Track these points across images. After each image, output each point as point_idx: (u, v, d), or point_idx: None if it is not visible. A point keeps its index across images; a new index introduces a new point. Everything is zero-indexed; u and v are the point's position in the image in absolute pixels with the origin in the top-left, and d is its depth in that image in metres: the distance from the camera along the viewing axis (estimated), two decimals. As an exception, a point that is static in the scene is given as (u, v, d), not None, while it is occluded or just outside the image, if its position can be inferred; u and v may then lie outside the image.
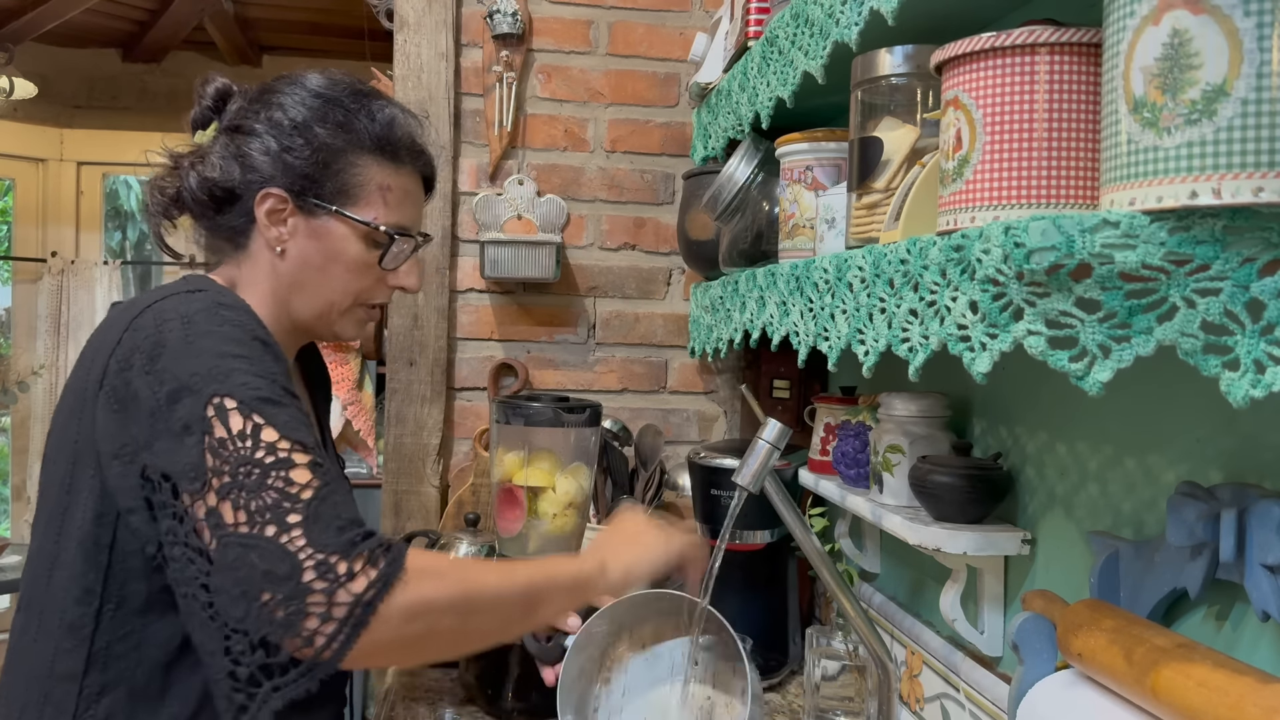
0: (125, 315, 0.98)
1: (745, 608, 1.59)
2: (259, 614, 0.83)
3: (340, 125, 1.09)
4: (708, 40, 1.79)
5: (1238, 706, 0.67)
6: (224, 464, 0.87)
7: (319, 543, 0.84)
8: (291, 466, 0.88)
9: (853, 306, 0.95)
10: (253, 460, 0.87)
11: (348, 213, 1.09)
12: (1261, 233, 0.61)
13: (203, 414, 0.89)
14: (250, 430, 0.88)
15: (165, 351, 0.92)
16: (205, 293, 0.99)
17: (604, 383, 1.91)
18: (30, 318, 4.99)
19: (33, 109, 4.79)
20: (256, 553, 0.84)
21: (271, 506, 0.85)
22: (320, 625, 0.82)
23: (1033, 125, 0.75)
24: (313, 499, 0.87)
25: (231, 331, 0.94)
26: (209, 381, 0.90)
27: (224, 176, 1.07)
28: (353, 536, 0.86)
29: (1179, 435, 0.87)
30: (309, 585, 0.83)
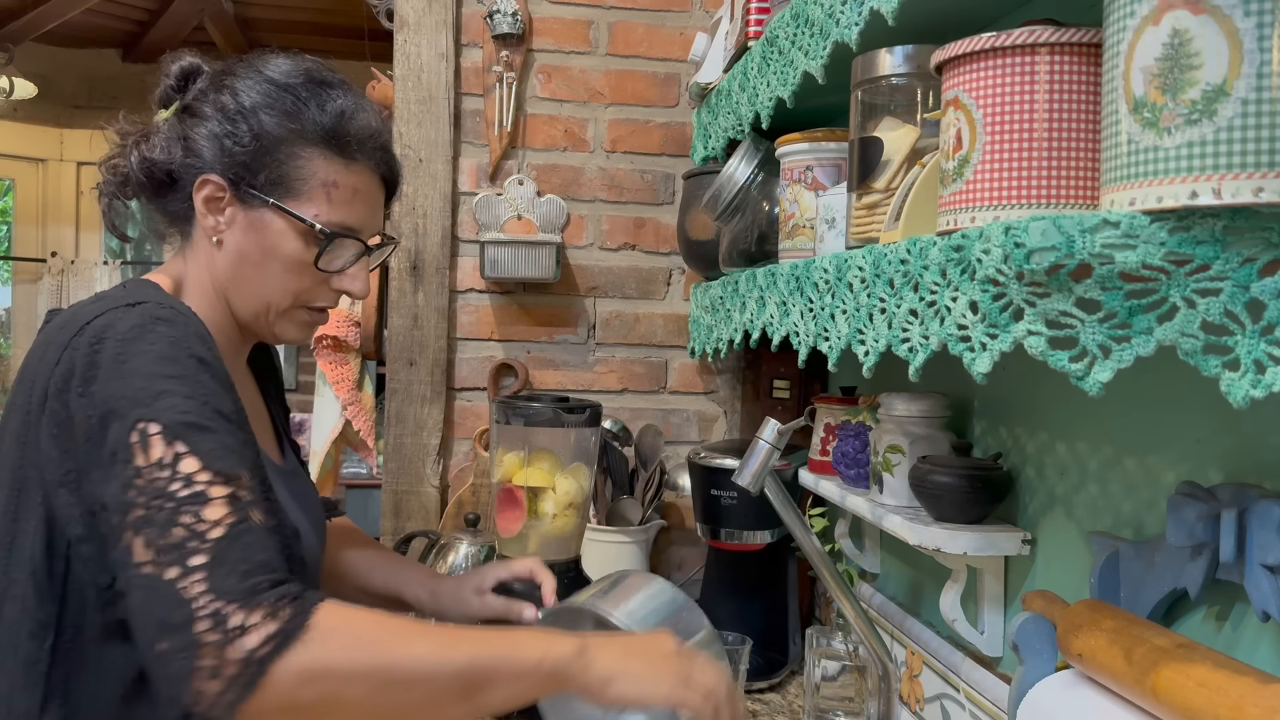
0: (64, 333, 0.92)
1: (745, 608, 1.59)
2: (157, 665, 0.78)
3: (287, 113, 1.02)
4: (708, 40, 1.79)
5: (1238, 707, 0.67)
6: (139, 495, 0.81)
7: (218, 589, 0.77)
8: (206, 502, 0.81)
9: (853, 307, 0.95)
10: (166, 493, 0.81)
11: (286, 206, 1.02)
12: (1262, 233, 0.61)
13: (126, 441, 0.83)
14: (170, 459, 0.82)
15: (99, 373, 0.87)
16: (144, 305, 0.92)
17: (604, 383, 1.91)
18: (30, 318, 4.99)
19: (33, 109, 4.80)
20: (156, 596, 0.78)
21: (177, 545, 0.79)
22: (208, 683, 0.75)
23: (1033, 125, 0.75)
24: (222, 538, 0.79)
25: (165, 349, 0.88)
26: (134, 405, 0.84)
27: (165, 159, 1.03)
28: (256, 583, 0.78)
29: (1179, 435, 0.87)
30: (200, 637, 0.76)
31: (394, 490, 1.83)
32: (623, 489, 1.80)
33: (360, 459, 3.53)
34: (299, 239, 1.03)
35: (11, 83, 4.36)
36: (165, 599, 0.77)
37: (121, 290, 0.99)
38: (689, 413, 1.94)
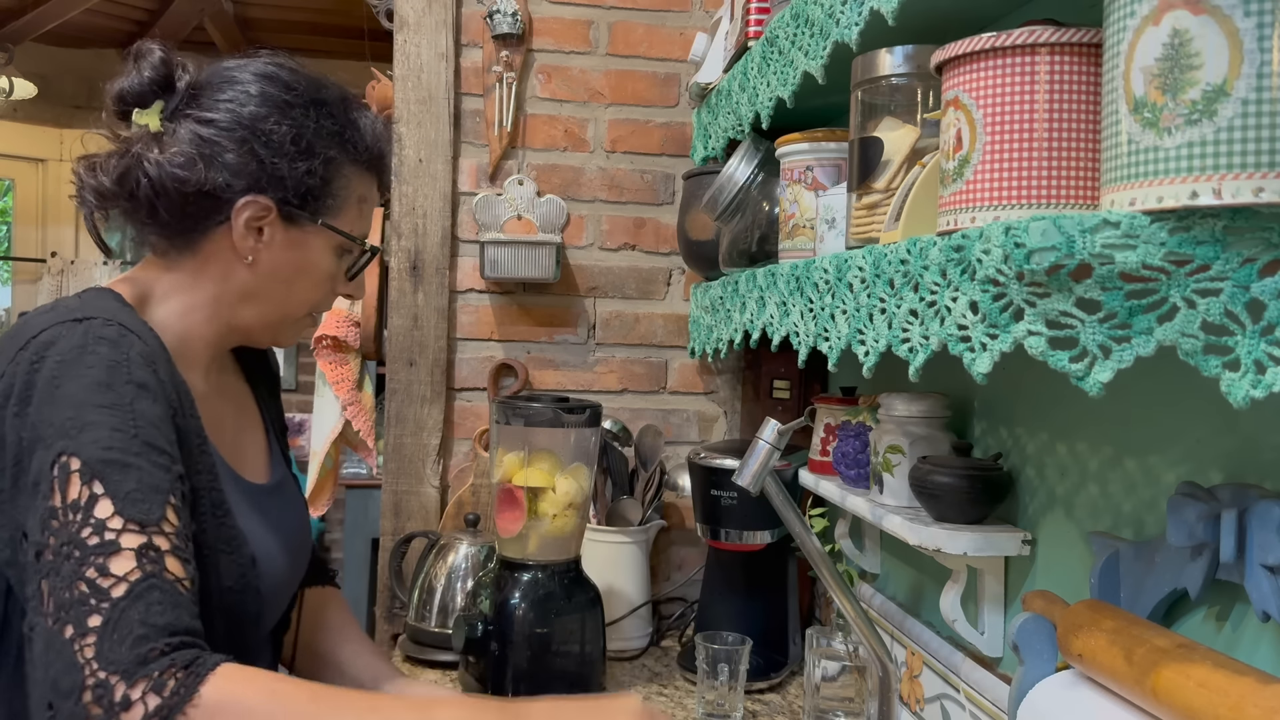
0: (11, 344, 0.89)
1: (745, 608, 1.59)
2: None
3: (335, 136, 1.04)
4: (708, 40, 1.79)
5: (1238, 707, 0.67)
6: (52, 537, 0.78)
7: (106, 657, 0.74)
8: (114, 552, 0.77)
9: (853, 307, 0.95)
10: (76, 539, 0.77)
11: (333, 225, 1.05)
12: (1262, 233, 0.61)
13: (49, 472, 0.80)
14: (85, 501, 0.79)
15: (34, 394, 0.84)
16: (90, 321, 0.88)
17: (604, 383, 1.91)
18: (30, 318, 4.98)
19: (32, 109, 4.80)
20: (52, 653, 0.75)
21: (77, 602, 0.75)
22: None
23: (1033, 125, 0.75)
24: (123, 598, 0.76)
25: (100, 374, 0.84)
26: (60, 435, 0.81)
27: (194, 176, 0.97)
28: (146, 652, 0.74)
29: (1179, 436, 0.87)
30: (86, 709, 0.73)
31: (394, 490, 1.83)
32: (623, 489, 1.80)
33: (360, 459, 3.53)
34: (333, 254, 1.06)
35: (11, 83, 4.36)
36: (60, 658, 0.75)
37: (76, 301, 0.95)
38: (689, 413, 1.94)
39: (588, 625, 1.46)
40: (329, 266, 1.07)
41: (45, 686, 0.75)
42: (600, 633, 1.48)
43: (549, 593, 1.44)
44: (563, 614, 1.44)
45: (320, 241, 1.05)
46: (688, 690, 1.54)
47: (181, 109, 1.01)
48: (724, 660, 1.40)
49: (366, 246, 1.10)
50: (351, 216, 1.07)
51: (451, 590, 1.61)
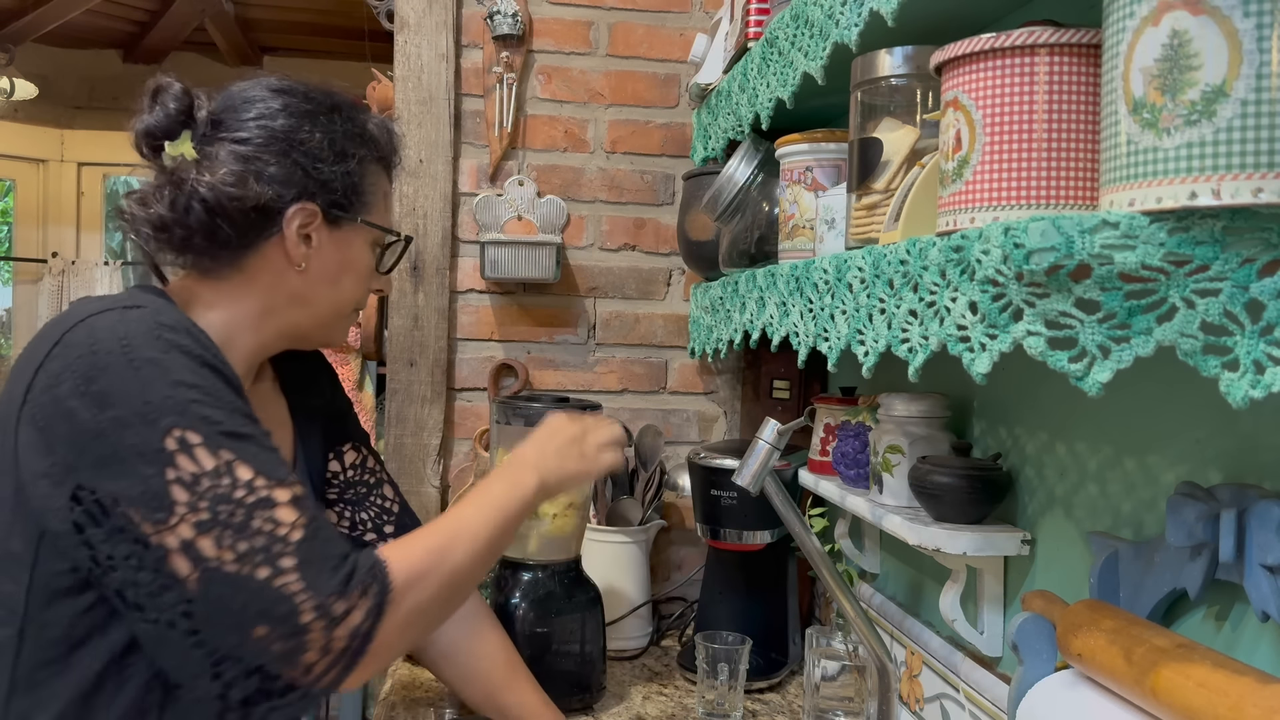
0: (55, 329, 0.93)
1: (745, 608, 1.60)
2: (254, 645, 0.86)
3: (358, 137, 1.09)
4: (708, 41, 1.79)
5: (1237, 707, 0.67)
6: (199, 499, 0.86)
7: (316, 586, 0.87)
8: (274, 506, 0.88)
9: (852, 307, 0.95)
10: (233, 499, 0.87)
11: (371, 221, 1.11)
12: (1261, 233, 0.61)
13: (160, 446, 0.86)
14: (224, 468, 0.88)
15: (105, 374, 0.88)
16: (143, 309, 0.93)
17: (604, 383, 1.91)
18: (31, 318, 4.99)
19: (33, 110, 4.80)
20: (248, 593, 0.86)
21: (262, 549, 0.86)
22: (319, 659, 0.87)
23: (1032, 126, 0.75)
24: (303, 540, 0.88)
25: (179, 359, 0.90)
26: (164, 413, 0.87)
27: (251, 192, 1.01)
28: (346, 572, 0.88)
29: (1178, 436, 0.87)
30: (308, 625, 0.86)
31: (394, 491, 1.83)
32: (623, 489, 1.80)
33: (360, 459, 3.53)
34: (369, 250, 1.13)
35: (12, 83, 4.37)
36: (262, 596, 0.86)
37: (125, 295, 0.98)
38: (689, 413, 1.94)
39: (588, 625, 1.46)
40: (369, 261, 1.14)
41: (247, 618, 0.85)
42: (600, 633, 1.48)
43: (549, 593, 1.44)
44: (563, 614, 1.44)
45: (360, 239, 1.11)
46: (688, 690, 1.54)
47: (212, 134, 1.04)
48: (724, 660, 1.40)
49: (401, 236, 1.17)
50: (382, 210, 1.14)
51: (452, 590, 1.61)
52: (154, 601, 0.88)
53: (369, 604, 0.89)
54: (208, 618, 0.87)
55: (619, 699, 1.50)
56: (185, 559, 0.86)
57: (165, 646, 0.90)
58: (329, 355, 2.33)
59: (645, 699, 1.50)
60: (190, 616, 0.87)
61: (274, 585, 0.86)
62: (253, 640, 0.86)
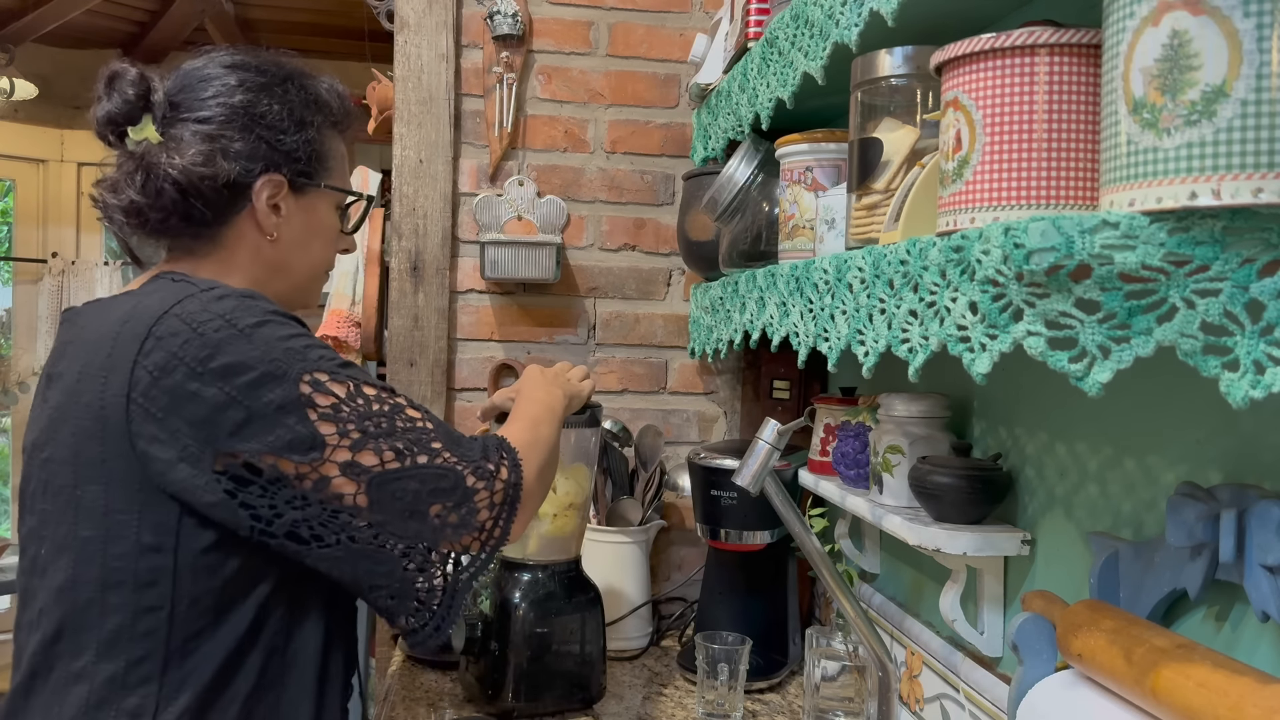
0: (134, 328, 0.95)
1: (745, 608, 1.60)
2: (434, 524, 0.98)
3: (313, 104, 1.12)
4: (708, 41, 1.79)
5: (1237, 707, 0.67)
6: (346, 423, 0.96)
7: (466, 457, 1.00)
8: (402, 409, 1.00)
9: (852, 307, 0.95)
10: (373, 414, 0.97)
11: (333, 185, 1.15)
12: (1261, 233, 0.61)
13: (297, 393, 0.95)
14: (354, 391, 0.97)
15: (221, 349, 0.94)
16: (216, 288, 0.99)
17: (604, 383, 1.91)
18: (31, 318, 4.98)
19: (33, 110, 4.79)
20: (415, 480, 0.97)
21: (415, 441, 0.98)
22: (489, 515, 1.00)
23: (1032, 126, 0.75)
24: (436, 427, 1.01)
25: (276, 318, 0.98)
26: (291, 363, 0.95)
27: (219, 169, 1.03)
28: (481, 443, 1.03)
29: (1178, 436, 0.87)
30: (474, 488, 0.99)
31: (394, 491, 1.83)
32: (623, 489, 1.80)
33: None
34: (334, 212, 1.17)
35: (12, 83, 4.36)
36: (429, 477, 0.98)
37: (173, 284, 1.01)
38: (689, 413, 1.94)
39: (588, 625, 1.46)
40: (333, 224, 1.17)
41: (420, 501, 0.97)
42: (600, 633, 1.48)
43: (549, 593, 1.44)
44: (563, 614, 1.44)
45: (325, 203, 1.15)
46: (688, 690, 1.54)
47: (173, 116, 1.06)
48: (724, 660, 1.40)
49: (362, 195, 1.21)
50: (341, 173, 1.17)
51: (452, 590, 1.61)
52: (328, 528, 0.96)
53: (509, 461, 1.03)
54: (384, 519, 0.97)
55: (619, 699, 1.50)
56: (348, 479, 0.95)
57: (351, 564, 0.98)
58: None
59: (645, 699, 1.50)
60: (370, 525, 0.97)
61: (436, 464, 0.98)
62: (431, 520, 0.98)
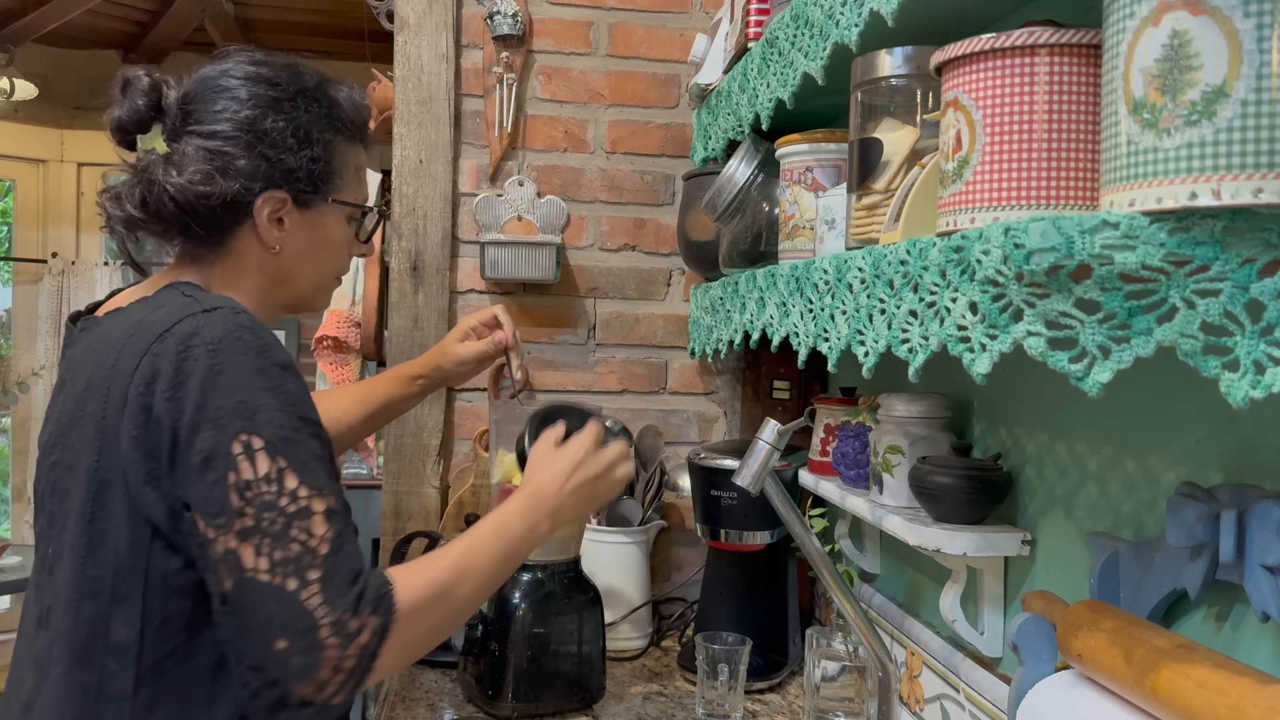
0: (139, 340, 0.96)
1: (745, 608, 1.60)
2: (275, 659, 0.89)
3: (325, 118, 1.10)
4: (708, 41, 1.79)
5: (1237, 707, 0.67)
6: (248, 506, 0.90)
7: (334, 601, 0.90)
8: (311, 516, 0.92)
9: (852, 307, 0.95)
10: (277, 507, 0.91)
11: (340, 199, 1.13)
12: (1261, 234, 0.61)
13: (227, 450, 0.90)
14: (275, 474, 0.91)
15: (190, 380, 0.92)
16: (221, 311, 0.96)
17: (604, 383, 1.91)
18: (31, 319, 4.98)
19: (33, 110, 4.79)
20: (276, 603, 0.89)
21: (294, 559, 0.90)
22: (332, 675, 0.90)
23: (1032, 126, 0.75)
24: (329, 553, 0.92)
25: (256, 361, 0.94)
26: (235, 418, 0.91)
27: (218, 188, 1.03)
28: (360, 590, 0.92)
29: (1179, 436, 0.87)
30: (324, 641, 0.89)
31: (394, 491, 1.83)
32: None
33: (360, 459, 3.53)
34: (345, 224, 1.16)
35: (12, 84, 4.36)
36: (288, 607, 0.89)
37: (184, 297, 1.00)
38: (689, 413, 1.94)
39: (587, 625, 1.46)
40: (344, 235, 1.16)
41: (270, 630, 0.89)
42: (600, 633, 1.48)
43: (549, 593, 1.44)
44: (562, 614, 1.44)
45: (333, 216, 1.14)
46: (688, 690, 1.54)
47: (181, 127, 1.06)
48: (724, 660, 1.40)
49: (372, 209, 1.20)
50: (353, 186, 1.16)
51: (452, 591, 1.61)
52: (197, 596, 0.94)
53: (376, 623, 0.92)
54: (237, 628, 0.91)
55: (619, 699, 1.50)
56: (225, 566, 0.90)
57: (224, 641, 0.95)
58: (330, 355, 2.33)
59: (645, 699, 1.50)
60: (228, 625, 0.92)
61: (299, 597, 0.89)
62: (274, 653, 0.89)
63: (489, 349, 1.46)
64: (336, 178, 1.12)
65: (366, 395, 1.46)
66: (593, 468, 1.17)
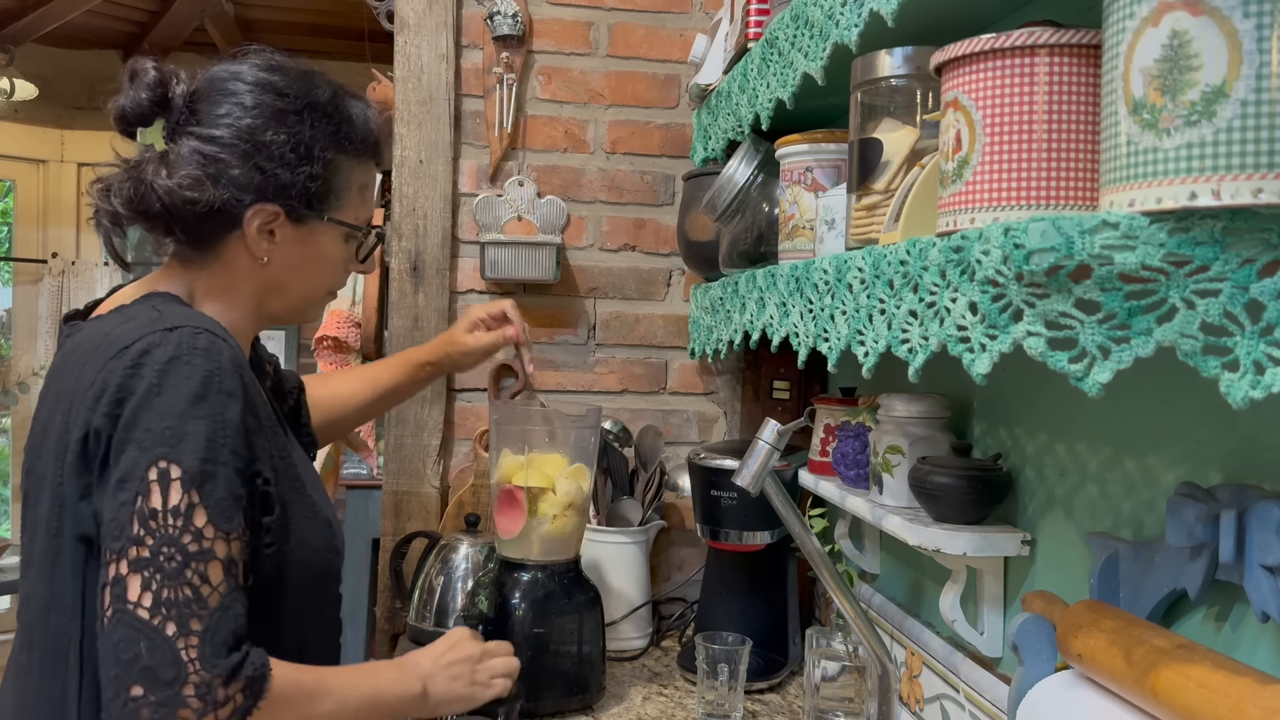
0: (101, 354, 0.94)
1: (745, 608, 1.60)
2: (125, 706, 0.84)
3: (331, 135, 1.07)
4: (708, 42, 1.79)
5: (1237, 707, 0.67)
6: (149, 536, 0.87)
7: (208, 661, 0.86)
8: (210, 560, 0.88)
9: (852, 308, 0.95)
10: (179, 544, 0.87)
11: (338, 218, 1.10)
12: (1261, 234, 0.61)
13: (143, 475, 0.88)
14: (185, 508, 0.88)
15: (130, 398, 0.90)
16: (181, 330, 0.94)
17: (604, 384, 1.91)
18: (31, 319, 4.98)
19: (33, 110, 4.79)
20: (148, 644, 0.85)
21: (180, 603, 0.86)
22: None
23: (1032, 127, 0.75)
24: (216, 609, 0.88)
25: (196, 386, 0.91)
26: (158, 443, 0.88)
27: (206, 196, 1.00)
28: (237, 661, 0.88)
29: (1178, 436, 0.87)
30: (185, 699, 0.85)
31: (394, 491, 1.84)
32: (623, 490, 1.80)
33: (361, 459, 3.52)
34: (342, 242, 1.12)
35: (12, 84, 4.36)
36: (159, 651, 0.85)
37: (153, 311, 0.98)
38: (689, 413, 1.94)
39: (587, 625, 1.46)
40: (340, 253, 1.13)
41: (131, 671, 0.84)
42: (600, 633, 1.48)
43: (549, 593, 1.44)
44: (562, 614, 1.44)
45: (329, 234, 1.10)
46: (688, 690, 1.54)
47: (183, 125, 1.04)
48: (724, 660, 1.40)
49: (371, 232, 1.16)
50: (355, 205, 1.12)
51: (451, 590, 1.61)
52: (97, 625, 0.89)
53: (242, 702, 0.88)
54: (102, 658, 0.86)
55: (619, 700, 1.50)
56: (110, 592, 0.86)
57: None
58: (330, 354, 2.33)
59: (645, 700, 1.50)
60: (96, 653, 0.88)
61: (174, 645, 0.85)
62: (126, 698, 0.84)
63: (498, 341, 1.45)
64: (336, 196, 1.09)
65: (375, 379, 1.47)
66: (471, 648, 1.17)
